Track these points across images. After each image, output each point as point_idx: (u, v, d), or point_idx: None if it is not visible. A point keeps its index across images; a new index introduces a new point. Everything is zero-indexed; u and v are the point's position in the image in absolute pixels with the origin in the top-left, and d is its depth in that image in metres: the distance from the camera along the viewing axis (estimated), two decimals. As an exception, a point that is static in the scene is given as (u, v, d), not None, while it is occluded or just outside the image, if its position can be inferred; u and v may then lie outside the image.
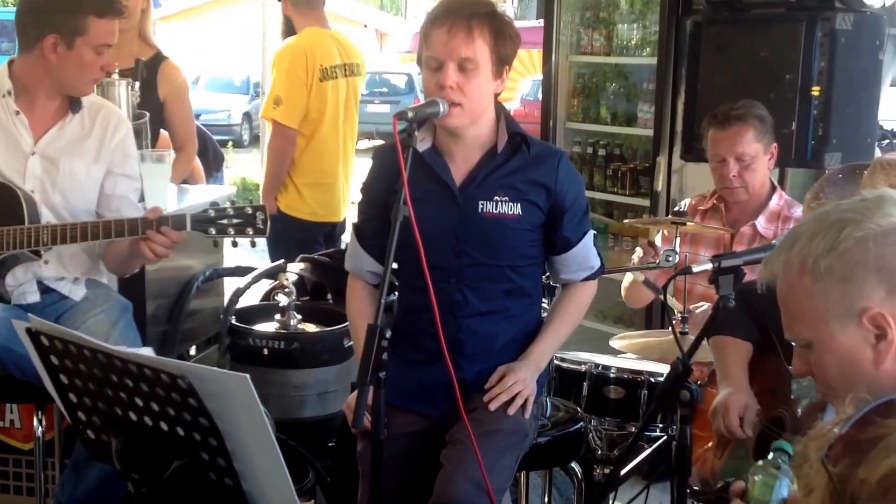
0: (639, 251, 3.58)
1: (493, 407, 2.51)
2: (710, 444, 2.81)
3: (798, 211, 3.46)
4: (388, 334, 2.18)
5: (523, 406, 2.55)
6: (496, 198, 2.56)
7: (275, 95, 4.59)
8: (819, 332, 1.52)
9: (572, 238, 2.64)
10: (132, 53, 3.99)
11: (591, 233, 2.71)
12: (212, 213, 2.78)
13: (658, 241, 3.63)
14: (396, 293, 2.77)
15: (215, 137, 6.43)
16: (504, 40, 2.49)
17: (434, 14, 2.50)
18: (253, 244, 2.86)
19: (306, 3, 4.68)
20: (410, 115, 2.31)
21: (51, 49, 2.88)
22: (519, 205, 2.56)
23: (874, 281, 1.46)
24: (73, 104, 3.01)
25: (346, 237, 4.47)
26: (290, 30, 4.73)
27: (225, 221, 2.77)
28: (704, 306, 2.44)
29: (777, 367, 2.62)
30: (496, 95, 2.58)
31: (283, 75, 4.59)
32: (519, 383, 2.55)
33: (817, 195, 2.80)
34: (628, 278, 3.68)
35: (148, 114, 3.80)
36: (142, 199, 3.21)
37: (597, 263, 2.72)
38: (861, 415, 1.10)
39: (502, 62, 2.51)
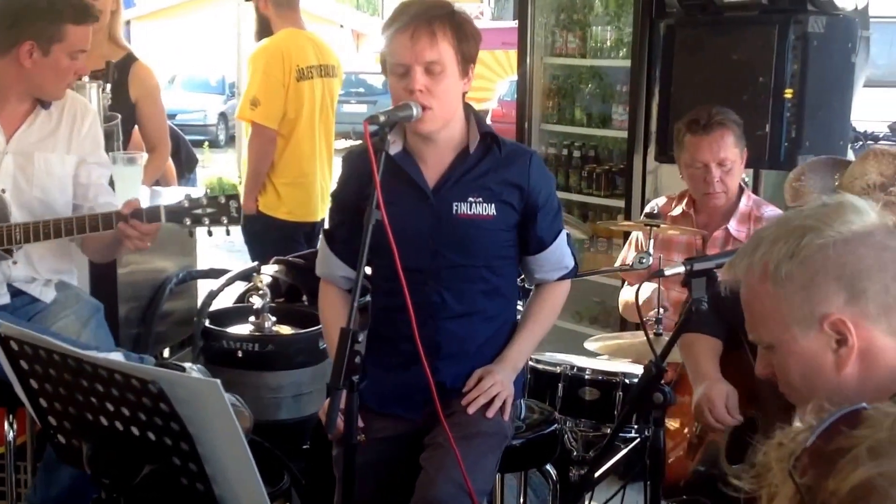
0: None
1: (471, 410, 2.51)
2: (685, 432, 2.81)
3: (768, 210, 3.49)
4: (362, 338, 2.17)
5: (502, 408, 2.55)
6: (470, 199, 2.56)
7: (251, 97, 4.57)
8: (781, 336, 1.55)
9: (546, 238, 2.65)
10: (102, 55, 3.97)
11: (565, 232, 2.71)
12: (186, 203, 2.78)
13: (631, 246, 3.66)
14: (369, 296, 2.78)
15: (191, 137, 6.38)
16: (466, 39, 2.49)
17: (393, 20, 2.49)
18: (228, 232, 2.86)
19: (287, 4, 4.66)
20: (382, 119, 2.30)
21: (26, 55, 2.86)
22: (493, 205, 2.56)
23: (835, 288, 1.49)
24: (43, 101, 3.01)
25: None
26: (264, 30, 4.71)
27: (199, 211, 2.77)
28: (679, 268, 2.42)
29: (747, 366, 2.60)
30: (464, 95, 2.58)
31: (260, 76, 4.57)
32: (496, 385, 2.55)
33: (799, 177, 2.83)
34: (626, 296, 3.71)
35: (120, 116, 3.78)
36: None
37: (571, 263, 2.72)
38: (827, 425, 1.09)
39: (467, 61, 2.50)
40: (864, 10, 4.25)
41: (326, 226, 2.76)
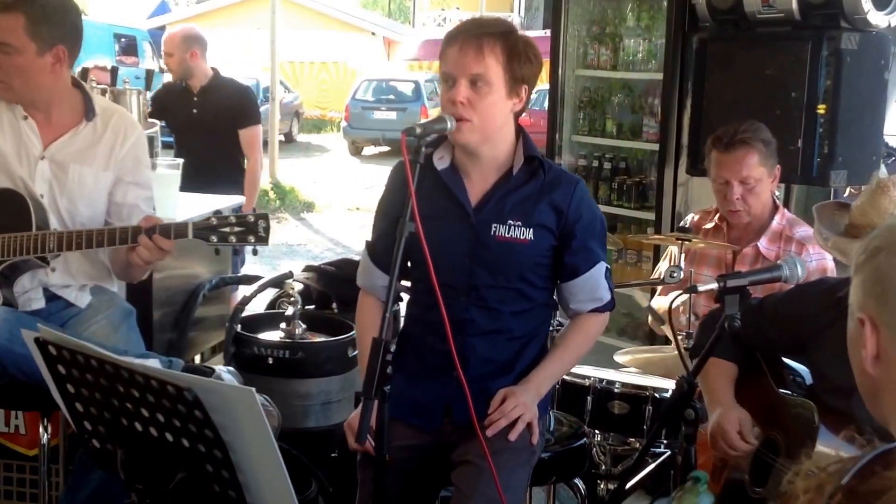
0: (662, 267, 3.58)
1: (490, 432, 2.47)
2: (709, 457, 2.81)
3: (801, 230, 3.43)
4: (393, 348, 2.18)
5: (530, 429, 2.53)
6: (509, 222, 2.55)
7: None
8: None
9: (580, 265, 2.61)
10: None
11: (605, 265, 2.65)
12: (214, 220, 2.75)
13: (667, 260, 3.64)
14: (401, 304, 2.78)
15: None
16: (519, 60, 2.47)
17: (450, 32, 2.54)
18: (255, 252, 2.84)
19: None
20: (418, 130, 2.30)
21: None
22: (531, 230, 2.55)
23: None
24: (88, 111, 3.00)
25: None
26: None
27: (227, 229, 2.74)
28: (713, 284, 2.41)
29: (765, 388, 2.60)
30: (517, 115, 2.57)
31: None
32: (519, 407, 2.52)
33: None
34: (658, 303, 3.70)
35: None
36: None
37: (606, 297, 2.67)
38: (862, 465, 1.09)
39: (517, 81, 2.49)
40: (897, 27, 4.23)
41: (370, 237, 2.75)
